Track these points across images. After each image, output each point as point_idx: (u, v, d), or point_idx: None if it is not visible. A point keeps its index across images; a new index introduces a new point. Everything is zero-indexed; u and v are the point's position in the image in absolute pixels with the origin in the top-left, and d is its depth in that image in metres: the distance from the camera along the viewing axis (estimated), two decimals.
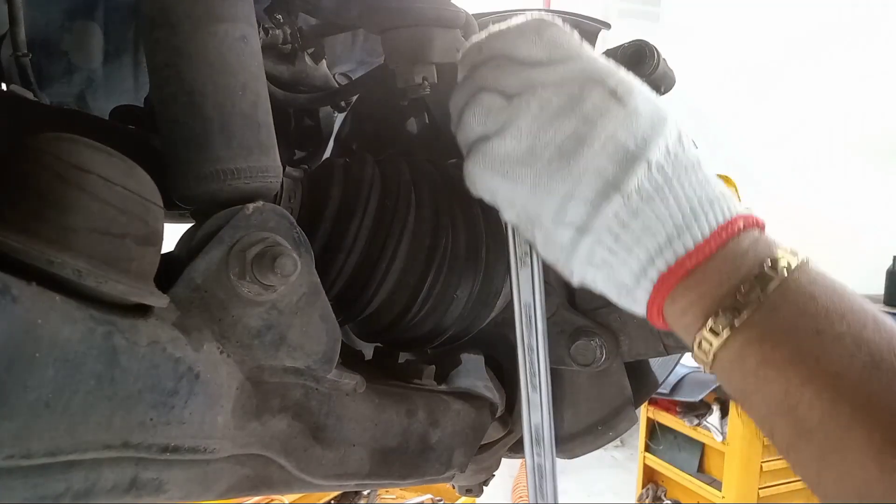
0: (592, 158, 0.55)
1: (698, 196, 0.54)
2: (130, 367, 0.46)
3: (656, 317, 0.56)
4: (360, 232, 0.69)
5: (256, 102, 0.57)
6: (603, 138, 0.55)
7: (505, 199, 0.61)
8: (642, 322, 0.81)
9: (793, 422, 0.48)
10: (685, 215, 0.54)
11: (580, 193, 0.55)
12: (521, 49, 0.60)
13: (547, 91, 0.58)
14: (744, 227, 0.54)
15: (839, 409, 0.46)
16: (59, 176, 0.43)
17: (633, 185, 0.54)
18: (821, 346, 0.48)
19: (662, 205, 0.54)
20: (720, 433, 3.43)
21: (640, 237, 0.54)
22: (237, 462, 0.58)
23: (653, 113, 0.56)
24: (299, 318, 0.58)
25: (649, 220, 0.54)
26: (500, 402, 0.82)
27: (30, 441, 0.42)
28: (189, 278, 0.53)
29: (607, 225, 0.54)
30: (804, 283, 0.50)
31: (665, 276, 0.53)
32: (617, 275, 0.56)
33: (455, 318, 0.74)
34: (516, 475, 4.27)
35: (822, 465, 0.47)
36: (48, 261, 0.42)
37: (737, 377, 0.51)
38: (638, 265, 0.54)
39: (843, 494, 0.46)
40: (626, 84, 0.57)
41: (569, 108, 0.57)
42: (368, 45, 1.18)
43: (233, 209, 0.55)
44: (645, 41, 0.73)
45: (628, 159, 0.54)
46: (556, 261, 0.60)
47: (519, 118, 0.58)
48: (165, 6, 0.55)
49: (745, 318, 0.50)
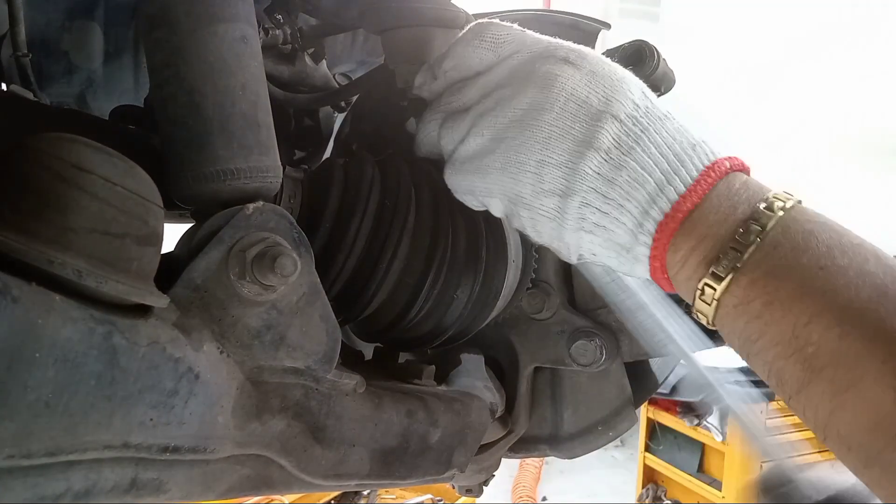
0: (555, 121, 0.55)
1: (679, 142, 0.54)
2: (130, 367, 0.46)
3: (660, 273, 0.54)
4: (360, 232, 0.69)
5: (256, 102, 0.57)
6: (562, 100, 0.55)
7: (485, 193, 0.61)
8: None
9: (801, 362, 0.46)
10: (670, 161, 0.53)
11: (551, 158, 0.55)
12: (471, 59, 0.61)
13: (503, 86, 0.58)
14: (730, 168, 0.53)
15: (849, 343, 0.44)
16: (59, 176, 0.43)
17: (608, 140, 0.53)
18: (825, 281, 0.46)
19: (645, 154, 0.53)
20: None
21: (628, 191, 0.53)
22: (237, 462, 0.58)
23: (610, 72, 0.56)
24: (299, 318, 0.58)
25: (634, 171, 0.53)
26: (500, 402, 0.82)
27: (30, 441, 0.42)
28: (189, 278, 0.53)
29: (590, 184, 0.54)
30: (802, 221, 0.49)
31: (662, 224, 0.52)
32: (613, 236, 0.55)
33: (455, 318, 0.74)
34: (516, 475, 4.27)
35: (835, 404, 0.45)
36: (48, 261, 0.42)
37: (741, 324, 0.50)
38: (632, 220, 0.53)
39: (857, 433, 0.44)
40: (577, 51, 0.57)
41: (522, 87, 0.57)
42: (368, 45, 1.19)
43: (233, 209, 0.55)
44: (645, 41, 0.73)
45: (593, 116, 0.54)
46: (549, 238, 0.59)
47: (480, 119, 0.59)
48: (165, 6, 0.55)
49: (748, 258, 0.48)
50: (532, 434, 0.89)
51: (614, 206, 0.53)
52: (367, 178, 0.71)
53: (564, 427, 0.87)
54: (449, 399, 0.74)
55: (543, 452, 0.90)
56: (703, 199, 0.51)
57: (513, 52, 0.60)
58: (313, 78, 0.98)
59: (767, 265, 0.48)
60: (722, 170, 0.52)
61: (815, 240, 0.48)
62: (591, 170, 0.53)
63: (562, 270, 0.84)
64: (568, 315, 0.82)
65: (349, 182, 0.71)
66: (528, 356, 0.84)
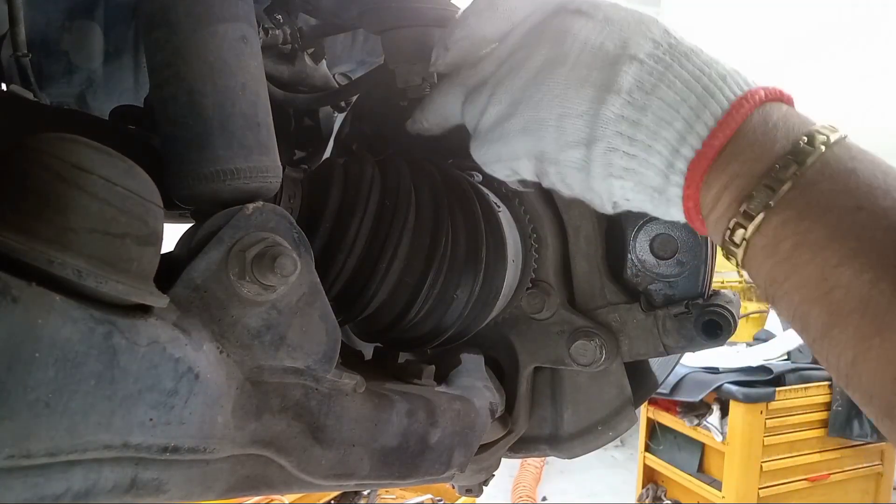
0: (570, 72, 0.53)
1: (707, 74, 0.51)
2: (130, 367, 0.46)
3: (694, 214, 0.51)
4: (360, 232, 0.69)
5: (256, 102, 0.57)
6: (576, 51, 0.53)
7: (511, 157, 0.59)
8: (642, 322, 0.81)
9: (828, 306, 0.44)
10: (699, 94, 0.50)
11: (571, 109, 0.53)
12: (484, 29, 0.60)
13: (517, 50, 0.57)
14: (766, 97, 0.49)
15: (881, 288, 0.41)
16: (59, 176, 0.43)
17: (628, 81, 0.51)
18: (861, 223, 0.43)
19: (671, 90, 0.50)
20: (720, 433, 3.43)
21: (656, 130, 0.50)
22: (237, 462, 0.58)
23: (626, 16, 0.54)
24: (299, 318, 0.58)
25: (660, 109, 0.50)
26: (500, 402, 0.82)
27: (30, 441, 0.42)
28: (189, 278, 0.53)
29: (614, 129, 0.52)
30: (844, 159, 0.46)
31: (694, 162, 0.49)
32: (644, 178, 0.52)
33: (455, 318, 0.74)
34: (516, 475, 4.27)
35: (860, 350, 0.42)
36: (48, 261, 0.42)
37: (769, 265, 0.47)
38: (662, 160, 0.51)
39: (882, 381, 0.42)
40: (590, 1, 0.56)
41: (535, 45, 0.56)
42: (368, 45, 1.19)
43: (233, 209, 0.55)
44: None
45: (610, 60, 0.52)
46: (581, 189, 0.57)
47: (497, 88, 0.58)
48: (165, 6, 0.55)
49: (781, 197, 0.45)
50: (532, 434, 0.89)
51: (641, 147, 0.51)
52: (367, 178, 0.71)
53: (564, 427, 0.87)
54: (449, 399, 0.74)
55: (543, 452, 0.90)
56: (737, 133, 0.48)
57: (526, 16, 0.59)
58: (313, 78, 0.98)
59: (801, 205, 0.45)
60: (756, 99, 0.49)
61: (857, 178, 0.45)
62: (613, 113, 0.51)
63: (561, 270, 0.84)
64: (568, 315, 0.82)
65: (349, 182, 0.71)
66: (528, 356, 0.84)
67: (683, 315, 0.79)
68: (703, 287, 0.80)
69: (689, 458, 3.70)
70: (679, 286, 0.80)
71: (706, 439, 3.55)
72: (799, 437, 3.47)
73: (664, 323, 0.80)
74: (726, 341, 0.79)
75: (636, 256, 0.82)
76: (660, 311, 0.80)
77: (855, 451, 3.62)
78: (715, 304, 0.77)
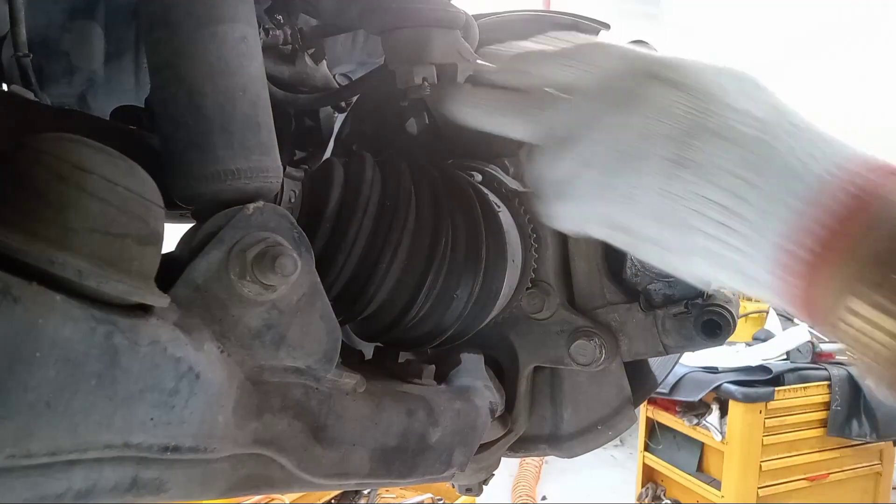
0: (642, 143, 0.51)
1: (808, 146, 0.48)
2: (131, 366, 0.46)
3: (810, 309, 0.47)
4: (360, 232, 0.69)
5: (257, 103, 0.57)
6: (652, 121, 0.51)
7: (580, 219, 0.58)
8: (641, 322, 0.81)
9: None
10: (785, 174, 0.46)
11: (642, 181, 0.51)
12: (558, 76, 0.60)
13: (588, 108, 0.56)
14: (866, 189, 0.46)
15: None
16: (59, 176, 0.43)
17: (702, 157, 0.49)
18: None
19: (751, 171, 0.47)
20: (719, 433, 3.43)
21: (738, 212, 0.47)
22: (238, 461, 0.58)
23: (706, 83, 0.52)
24: (299, 317, 0.58)
25: (741, 189, 0.47)
26: (500, 402, 0.82)
27: (31, 441, 0.42)
28: (190, 278, 0.53)
29: (691, 206, 0.49)
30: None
31: (803, 254, 0.45)
32: (728, 263, 0.49)
33: (455, 318, 0.74)
34: (516, 475, 4.27)
35: None
36: (49, 261, 0.42)
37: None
38: (761, 250, 0.47)
39: None
40: (669, 64, 0.54)
41: (609, 109, 0.54)
42: (368, 46, 1.19)
43: (233, 209, 0.55)
44: (645, 41, 0.73)
45: (686, 133, 0.50)
46: (660, 264, 0.56)
47: (567, 145, 0.57)
48: (166, 6, 0.55)
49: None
50: (532, 433, 0.89)
51: (724, 230, 0.48)
52: (367, 178, 0.71)
53: (564, 426, 0.87)
54: (449, 398, 0.74)
55: (543, 452, 0.90)
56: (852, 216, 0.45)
57: (599, 70, 0.57)
58: (314, 78, 0.98)
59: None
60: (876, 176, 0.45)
61: None
62: (687, 192, 0.49)
63: (561, 270, 0.84)
64: (567, 315, 0.82)
65: (349, 182, 0.71)
66: (528, 356, 0.84)
67: (683, 315, 0.79)
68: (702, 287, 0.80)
69: (688, 457, 3.70)
70: (678, 286, 0.81)
71: (705, 439, 3.55)
72: (798, 436, 3.47)
73: (663, 322, 0.80)
74: (725, 341, 0.79)
75: (635, 256, 0.82)
76: (659, 311, 0.80)
77: (854, 450, 3.62)
78: (714, 303, 0.78)
